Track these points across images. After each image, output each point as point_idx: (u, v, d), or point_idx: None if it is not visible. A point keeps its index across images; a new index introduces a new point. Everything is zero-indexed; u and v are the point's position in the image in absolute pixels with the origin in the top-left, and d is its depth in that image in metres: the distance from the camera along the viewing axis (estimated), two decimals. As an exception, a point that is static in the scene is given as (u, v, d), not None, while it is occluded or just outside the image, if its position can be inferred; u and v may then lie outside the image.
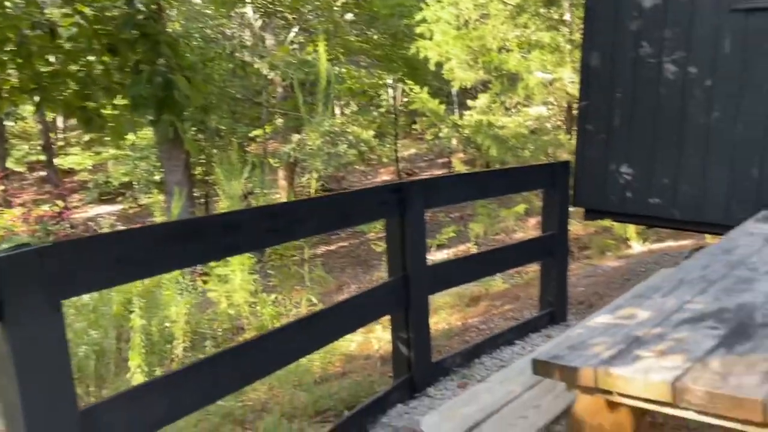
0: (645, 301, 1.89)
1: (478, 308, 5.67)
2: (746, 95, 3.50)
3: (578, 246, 8.70)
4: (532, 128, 9.11)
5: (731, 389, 1.29)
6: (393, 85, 13.33)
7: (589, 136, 4.14)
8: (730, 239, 2.52)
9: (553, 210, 4.01)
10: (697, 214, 3.72)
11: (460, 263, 3.56)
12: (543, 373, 1.56)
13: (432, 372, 3.34)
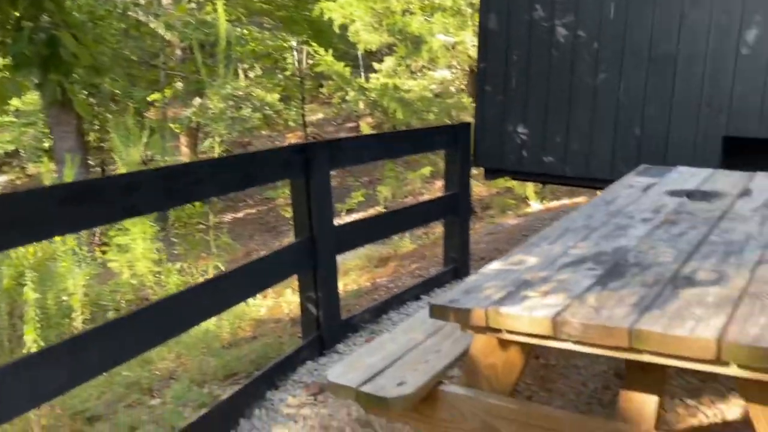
0: (534, 248, 2.03)
1: (387, 269, 5.81)
2: (627, 58, 3.74)
3: (481, 206, 9.04)
4: (436, 91, 9.27)
5: (603, 320, 1.43)
6: (298, 47, 13.08)
7: (488, 98, 4.29)
8: (612, 191, 2.72)
9: (455, 170, 4.15)
10: (586, 171, 3.97)
11: (366, 223, 3.63)
12: (439, 316, 1.65)
13: (341, 329, 3.41)
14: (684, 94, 3.61)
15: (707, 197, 2.52)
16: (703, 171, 2.97)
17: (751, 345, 1.26)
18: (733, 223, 2.15)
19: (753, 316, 1.39)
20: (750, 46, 3.37)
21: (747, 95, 3.43)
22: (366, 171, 13.17)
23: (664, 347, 1.35)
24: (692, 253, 1.85)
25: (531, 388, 2.87)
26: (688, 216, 2.27)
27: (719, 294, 1.53)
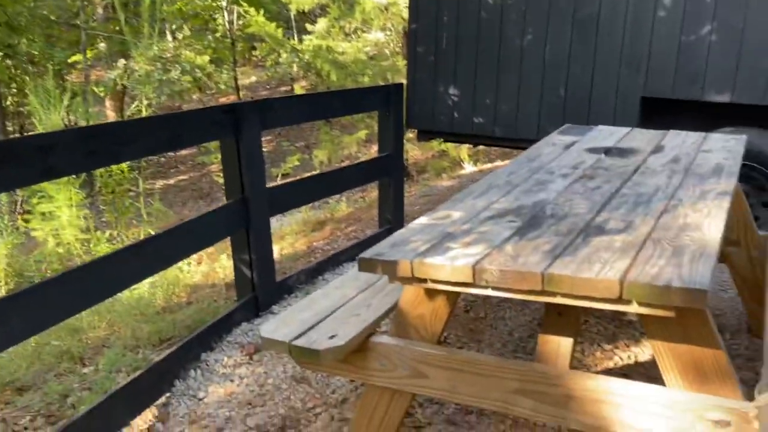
0: (459, 204, 2.10)
1: (324, 232, 5.84)
2: (553, 20, 3.83)
3: (417, 169, 9.14)
4: (371, 54, 9.21)
5: (518, 266, 1.51)
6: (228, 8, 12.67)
7: (419, 59, 4.32)
8: (535, 149, 2.83)
9: (388, 131, 4.18)
10: (514, 132, 4.09)
11: (300, 184, 3.63)
12: (367, 269, 1.70)
13: (276, 291, 3.44)
14: (605, 56, 3.74)
15: (623, 154, 2.65)
16: (622, 129, 3.11)
17: (648, 283, 1.36)
18: (644, 177, 2.28)
19: (653, 259, 1.50)
20: (666, 8, 3.52)
21: (662, 57, 3.59)
22: (302, 135, 13.04)
23: (573, 289, 1.44)
24: (605, 205, 1.97)
25: (462, 340, 2.99)
26: (604, 171, 2.39)
27: (625, 240, 1.64)
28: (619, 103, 3.74)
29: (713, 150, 2.64)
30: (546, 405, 1.76)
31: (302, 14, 11.09)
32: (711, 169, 2.34)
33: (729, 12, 3.38)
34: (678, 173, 2.30)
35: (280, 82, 17.12)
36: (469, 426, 2.34)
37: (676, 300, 1.35)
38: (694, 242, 1.60)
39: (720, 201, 1.94)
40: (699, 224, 1.74)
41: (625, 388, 1.66)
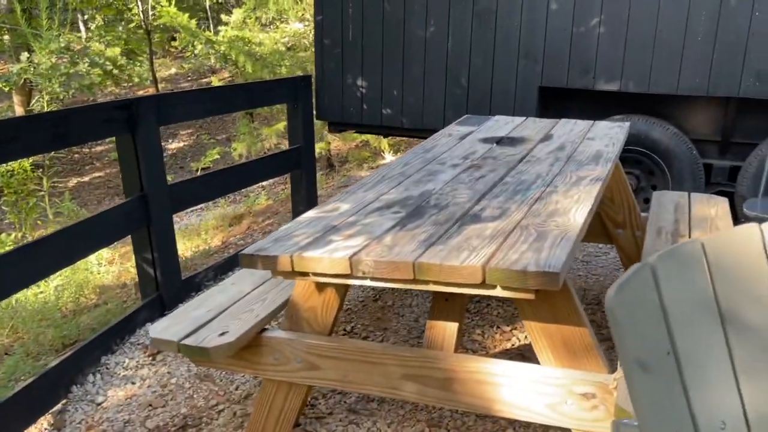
0: (349, 196, 2.13)
1: (241, 227, 5.78)
2: (454, 12, 3.92)
3: (339, 160, 9.16)
4: (289, 45, 9.12)
5: (392, 256, 1.56)
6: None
7: (327, 50, 4.32)
8: (433, 140, 2.90)
9: (297, 124, 4.17)
10: (420, 122, 4.16)
11: (205, 180, 3.57)
12: (248, 265, 1.71)
13: (182, 289, 3.38)
14: (504, 47, 3.86)
15: (513, 143, 2.76)
16: (517, 119, 3.23)
17: (507, 268, 1.44)
18: (529, 165, 2.38)
19: (517, 245, 1.58)
20: (558, 1, 3.66)
21: (557, 49, 3.74)
22: (224, 128, 12.78)
23: (441, 276, 1.50)
24: (485, 193, 2.04)
25: (368, 329, 3.04)
26: (492, 161, 2.48)
27: (497, 227, 1.72)
28: (519, 93, 3.87)
29: (596, 137, 2.78)
30: (430, 388, 1.82)
31: (219, 5, 10.85)
32: (591, 156, 2.47)
33: (615, 5, 3.56)
34: (560, 161, 2.42)
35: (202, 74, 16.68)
36: (369, 413, 2.39)
37: (533, 283, 1.43)
38: (559, 227, 1.69)
39: (591, 187, 2.05)
40: (567, 210, 1.84)
41: (504, 368, 1.75)
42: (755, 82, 3.40)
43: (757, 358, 1.03)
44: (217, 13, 11.07)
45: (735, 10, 3.37)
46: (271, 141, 8.93)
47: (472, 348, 2.81)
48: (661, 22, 3.50)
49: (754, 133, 3.67)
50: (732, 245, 1.06)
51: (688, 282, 1.03)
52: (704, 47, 3.45)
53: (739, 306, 1.05)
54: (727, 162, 3.72)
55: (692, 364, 1.00)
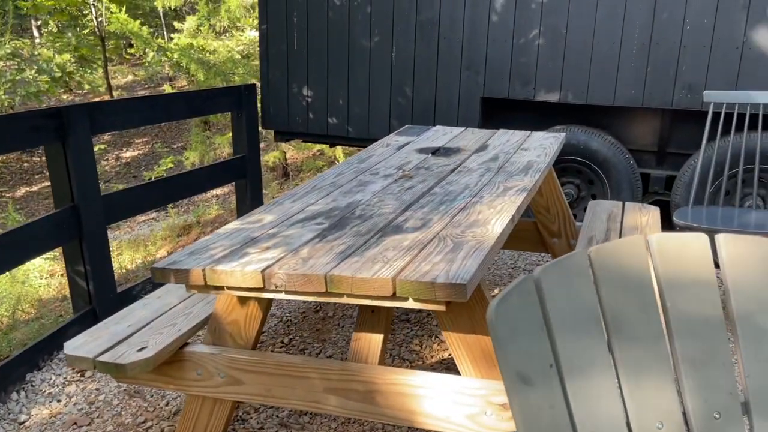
0: (275, 206, 2.11)
1: (189, 237, 5.69)
2: (397, 22, 3.94)
3: (294, 169, 9.11)
4: (245, 53, 9.05)
5: (305, 269, 1.54)
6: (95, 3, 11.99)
7: (272, 59, 4.29)
8: (369, 149, 2.89)
9: (241, 133, 4.13)
10: (366, 132, 4.16)
11: (142, 190, 3.49)
12: (161, 278, 1.67)
13: (117, 302, 3.29)
14: (447, 59, 3.89)
15: (448, 153, 2.77)
16: (456, 129, 3.25)
17: (417, 280, 1.43)
18: (459, 175, 2.39)
19: (431, 256, 1.58)
20: (498, 13, 3.71)
21: (498, 60, 3.79)
22: (179, 136, 12.59)
23: (354, 289, 1.49)
24: (411, 204, 2.04)
25: (306, 341, 3.01)
26: (424, 171, 2.48)
27: (415, 238, 1.72)
28: (462, 103, 3.90)
29: (531, 148, 2.81)
30: (352, 401, 1.80)
31: (173, 12, 10.71)
32: (522, 166, 2.49)
33: (553, 18, 3.62)
34: (491, 171, 2.43)
35: (158, 82, 16.44)
36: (300, 427, 2.36)
37: (441, 294, 1.42)
38: (476, 238, 1.70)
39: (516, 197, 2.07)
40: (487, 220, 1.85)
41: (424, 379, 1.74)
42: (687, 93, 3.50)
43: (641, 367, 1.05)
44: (171, 20, 10.93)
45: (666, 24, 3.46)
46: (223, 150, 8.83)
47: (410, 359, 2.80)
48: (598, 35, 3.58)
49: (688, 144, 3.77)
50: (618, 256, 1.07)
51: (574, 294, 1.03)
52: (638, 60, 3.54)
53: (625, 315, 1.06)
54: (663, 171, 3.81)
55: (575, 375, 1.00)
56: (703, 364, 1.06)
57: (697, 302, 1.07)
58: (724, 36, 3.37)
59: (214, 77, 7.65)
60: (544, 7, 3.62)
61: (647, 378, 1.04)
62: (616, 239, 1.05)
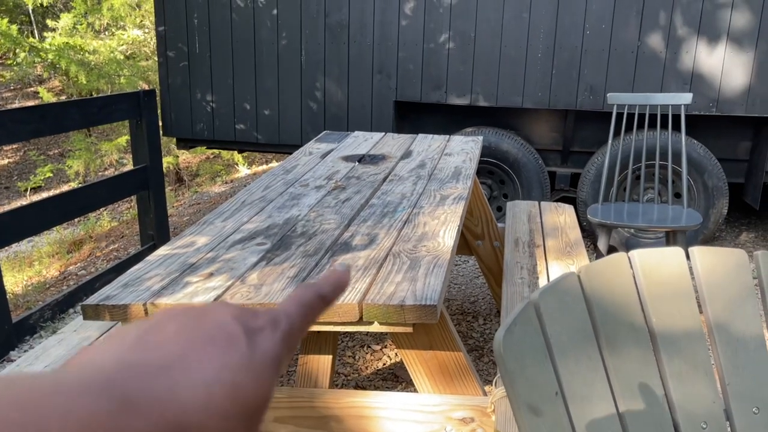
0: (206, 227, 1.97)
1: (81, 253, 5.28)
2: (306, 25, 3.84)
3: (189, 174, 8.70)
4: (128, 53, 8.52)
5: (260, 298, 1.44)
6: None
7: (172, 64, 4.05)
8: (292, 159, 2.79)
9: (141, 141, 3.87)
10: (276, 137, 4.03)
11: (36, 209, 3.18)
12: (93, 316, 1.50)
13: (13, 334, 2.98)
14: (358, 62, 3.85)
15: (375, 161, 2.73)
16: (376, 135, 3.21)
17: (384, 304, 1.38)
18: (392, 184, 2.36)
19: (391, 275, 1.53)
20: (408, 17, 3.71)
21: (409, 64, 3.80)
22: (56, 143, 11.67)
23: (316, 317, 1.41)
24: (353, 218, 1.98)
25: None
26: (356, 181, 2.43)
27: (369, 257, 1.66)
28: (375, 107, 3.87)
29: (454, 153, 2.83)
30: (306, 429, 1.72)
31: (44, 9, 9.88)
32: (451, 173, 2.50)
33: (461, 22, 3.68)
34: (423, 179, 2.42)
35: (27, 83, 15.14)
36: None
37: (411, 317, 1.38)
38: (430, 252, 1.67)
39: (456, 207, 2.06)
40: (436, 233, 1.82)
41: (381, 399, 1.69)
42: (589, 95, 3.68)
43: (634, 385, 1.06)
44: (42, 18, 10.08)
45: (569, 29, 3.62)
46: (111, 157, 8.28)
47: (344, 372, 2.74)
48: (505, 39, 3.67)
49: (591, 143, 3.98)
50: (605, 275, 1.07)
51: (568, 316, 1.03)
52: (544, 63, 3.67)
53: (615, 334, 1.06)
54: (569, 169, 3.99)
55: (577, 400, 0.99)
56: (688, 375, 1.08)
57: (678, 315, 1.10)
58: (620, 40, 3.58)
59: (97, 79, 7.14)
60: (453, 12, 3.66)
61: (640, 395, 1.06)
62: (601, 259, 1.05)
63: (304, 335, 0.35)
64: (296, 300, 0.35)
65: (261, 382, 0.29)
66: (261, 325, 0.32)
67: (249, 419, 0.28)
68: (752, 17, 3.46)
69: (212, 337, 0.29)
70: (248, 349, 0.30)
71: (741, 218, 4.66)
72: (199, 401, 0.27)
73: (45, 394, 0.23)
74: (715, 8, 3.47)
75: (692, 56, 3.55)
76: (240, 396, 0.28)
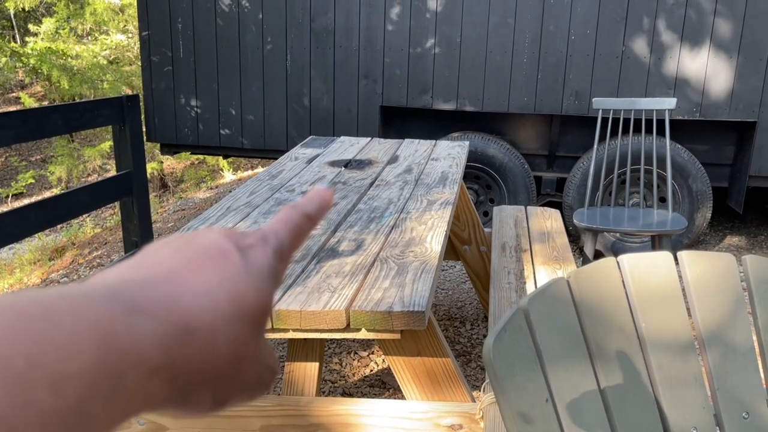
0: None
1: (64, 260, 5.21)
2: (291, 30, 3.82)
3: (174, 180, 8.62)
4: (111, 58, 8.45)
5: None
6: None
7: (155, 68, 4.01)
8: (278, 164, 2.77)
9: (125, 147, 3.82)
10: (262, 143, 4.00)
11: (18, 215, 3.12)
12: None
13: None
14: (344, 67, 3.84)
15: (361, 166, 2.72)
16: (362, 140, 3.20)
17: (372, 310, 1.36)
18: (379, 189, 2.34)
19: (379, 281, 1.51)
20: (394, 22, 3.71)
21: (395, 69, 3.79)
22: (38, 148, 11.54)
23: (303, 324, 1.39)
24: (340, 224, 1.96)
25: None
26: (342, 186, 2.41)
27: (355, 262, 1.64)
28: (361, 112, 3.86)
29: (440, 158, 2.83)
30: (294, 438, 1.70)
31: (26, 13, 9.78)
32: (438, 178, 2.49)
33: (447, 27, 3.68)
34: (409, 184, 2.41)
35: (8, 89, 14.98)
36: (225, 466, 2.19)
37: (398, 324, 1.37)
38: (418, 258, 1.66)
39: (443, 212, 2.05)
40: (423, 238, 1.81)
41: (369, 407, 1.67)
42: (575, 100, 3.69)
43: (624, 390, 1.05)
44: (24, 22, 9.97)
45: (554, 34, 3.63)
46: (94, 162, 8.20)
47: (331, 379, 2.72)
48: (491, 44, 3.68)
49: (576, 147, 3.99)
50: (594, 280, 1.07)
51: (558, 322, 1.02)
52: (529, 68, 3.69)
53: (605, 339, 1.06)
54: (554, 174, 4.01)
55: (568, 406, 0.98)
56: (678, 381, 1.08)
57: (667, 320, 1.09)
58: (605, 45, 3.60)
59: (80, 84, 7.07)
60: (438, 17, 3.67)
61: (630, 401, 1.05)
62: (591, 263, 1.05)
63: (294, 252, 0.36)
64: (282, 219, 0.36)
65: (260, 289, 0.30)
66: (251, 242, 0.33)
67: (253, 324, 0.29)
68: (735, 22, 3.49)
69: (206, 253, 0.30)
70: (242, 262, 0.30)
71: (725, 222, 4.70)
72: (204, 305, 0.27)
73: (55, 296, 0.23)
74: (698, 14, 3.51)
75: (676, 61, 3.58)
76: (242, 301, 0.29)
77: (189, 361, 0.26)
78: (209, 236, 0.32)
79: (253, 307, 0.29)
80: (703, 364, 1.12)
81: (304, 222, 0.37)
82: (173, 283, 0.28)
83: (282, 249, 0.34)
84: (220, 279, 0.29)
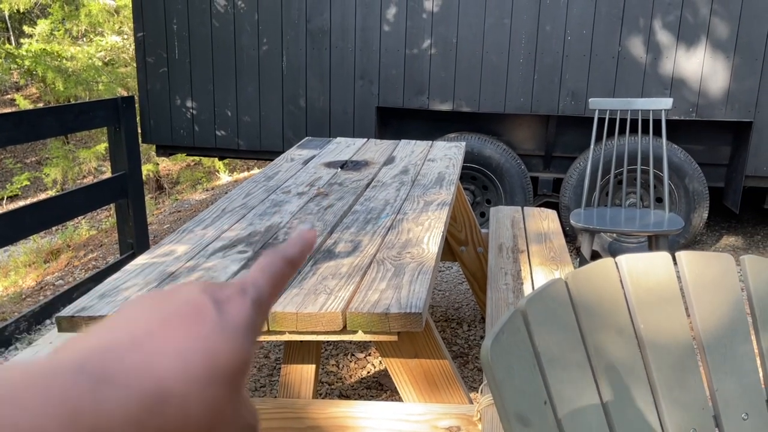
0: (186, 235, 1.93)
1: (59, 263, 5.19)
2: (287, 31, 3.81)
3: (170, 182, 8.60)
4: (106, 59, 8.43)
5: (242, 308, 1.41)
6: None
7: (151, 70, 4.00)
8: (273, 166, 2.75)
9: (120, 148, 3.81)
10: (258, 144, 3.99)
11: (11, 217, 3.10)
12: (69, 329, 1.46)
13: (-13, 346, 2.90)
14: (340, 68, 3.83)
15: (358, 167, 2.71)
16: (358, 141, 3.19)
17: (369, 312, 1.35)
18: (375, 190, 2.33)
19: (375, 282, 1.50)
20: (390, 23, 3.70)
21: (392, 70, 3.79)
22: (33, 150, 11.50)
23: (299, 326, 1.38)
24: (336, 225, 1.95)
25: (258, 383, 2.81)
26: (338, 187, 2.40)
27: (352, 264, 1.63)
28: (357, 113, 3.85)
29: (437, 159, 2.82)
30: (290, 441, 1.69)
31: (21, 15, 9.74)
32: (434, 179, 2.49)
33: (443, 28, 3.68)
34: (406, 185, 2.40)
35: (4, 90, 14.93)
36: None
37: (395, 325, 1.36)
38: (414, 259, 1.65)
39: (440, 212, 2.05)
40: (420, 239, 1.80)
41: (366, 409, 1.66)
42: (571, 100, 3.69)
43: (623, 391, 1.04)
44: (19, 24, 9.94)
45: (550, 35, 3.63)
46: (90, 164, 8.17)
47: (328, 381, 2.71)
48: (487, 45, 3.68)
49: (572, 148, 3.99)
50: (592, 281, 1.06)
51: (556, 323, 1.01)
52: (526, 69, 3.68)
53: (603, 340, 1.05)
54: (551, 175, 4.00)
55: (567, 408, 0.97)
56: (677, 381, 1.07)
57: (666, 321, 1.09)
58: (601, 46, 3.60)
59: (75, 86, 7.04)
60: (434, 17, 3.66)
61: (629, 402, 1.04)
62: (589, 264, 1.04)
63: (274, 301, 0.35)
64: (262, 267, 0.35)
65: (236, 346, 0.29)
66: (228, 294, 0.32)
67: (229, 385, 0.28)
68: (731, 22, 3.50)
69: (180, 312, 0.29)
70: (218, 317, 0.30)
71: (721, 222, 4.70)
72: (176, 370, 0.26)
73: (21, 374, 0.23)
74: (694, 14, 3.51)
75: (672, 61, 3.58)
76: (216, 362, 0.28)
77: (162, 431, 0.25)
78: (186, 292, 0.31)
79: (229, 366, 0.28)
80: (702, 365, 1.11)
81: (285, 268, 0.36)
82: (145, 348, 0.27)
83: (261, 299, 0.33)
84: (194, 339, 0.28)
